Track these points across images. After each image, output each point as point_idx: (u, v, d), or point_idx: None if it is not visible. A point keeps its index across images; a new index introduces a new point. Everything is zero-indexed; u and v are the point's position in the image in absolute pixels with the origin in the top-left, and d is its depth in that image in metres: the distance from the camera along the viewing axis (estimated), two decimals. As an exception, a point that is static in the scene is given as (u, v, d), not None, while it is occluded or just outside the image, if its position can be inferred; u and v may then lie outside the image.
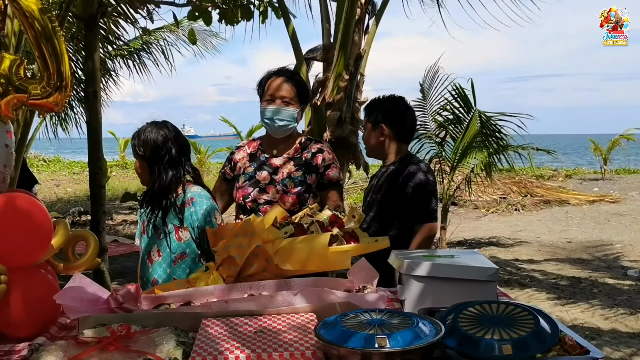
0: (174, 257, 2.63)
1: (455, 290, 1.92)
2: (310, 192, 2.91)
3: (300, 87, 2.95)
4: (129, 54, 11.71)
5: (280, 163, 2.93)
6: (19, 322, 1.85)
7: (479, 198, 13.43)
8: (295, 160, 2.93)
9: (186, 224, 2.64)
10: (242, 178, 2.95)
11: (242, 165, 2.99)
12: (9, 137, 1.96)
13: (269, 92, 2.91)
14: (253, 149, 3.03)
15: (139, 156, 2.70)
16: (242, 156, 3.02)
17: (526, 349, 1.50)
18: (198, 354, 1.57)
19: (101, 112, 5.72)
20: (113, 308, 1.91)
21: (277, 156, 2.96)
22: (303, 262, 2.18)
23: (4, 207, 1.84)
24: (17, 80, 1.88)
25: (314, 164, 2.92)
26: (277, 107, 2.88)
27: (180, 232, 2.63)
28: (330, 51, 5.25)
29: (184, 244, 2.64)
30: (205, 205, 2.67)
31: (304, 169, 2.91)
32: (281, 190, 2.86)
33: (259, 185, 2.89)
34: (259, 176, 2.91)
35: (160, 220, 2.66)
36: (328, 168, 2.94)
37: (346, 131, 5.07)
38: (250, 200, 2.88)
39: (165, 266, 2.64)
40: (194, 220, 2.64)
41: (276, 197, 2.86)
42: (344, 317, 1.65)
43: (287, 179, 2.88)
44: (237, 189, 2.96)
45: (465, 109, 7.53)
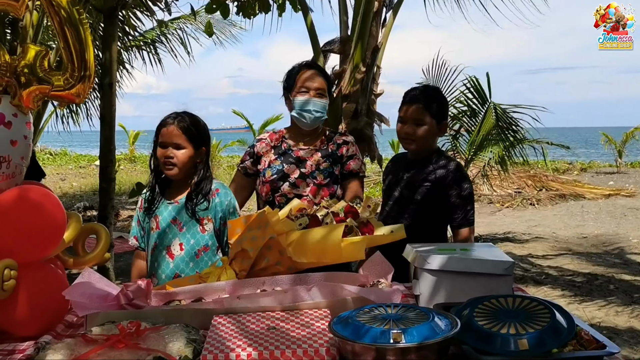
0: (197, 249, 2.62)
1: (471, 284, 1.91)
2: (338, 183, 2.92)
3: (328, 81, 2.99)
4: (144, 45, 11.72)
5: (308, 155, 2.93)
6: (25, 320, 1.83)
7: (493, 192, 13.35)
8: (322, 152, 2.94)
9: (210, 215, 2.64)
10: (268, 172, 2.94)
11: (267, 158, 2.98)
12: (28, 128, 1.97)
13: (302, 84, 2.93)
14: (276, 141, 3.02)
15: (193, 144, 2.63)
16: (266, 149, 3.01)
17: (542, 343, 1.49)
18: (209, 351, 1.56)
19: (115, 104, 5.75)
20: (123, 304, 1.90)
21: (304, 148, 2.97)
22: (317, 254, 2.18)
23: (18, 199, 1.84)
24: (41, 71, 1.89)
25: (339, 155, 2.94)
26: (312, 99, 2.90)
27: (205, 223, 2.64)
28: (347, 43, 5.26)
29: (207, 236, 2.64)
30: (230, 196, 2.69)
31: (330, 160, 2.92)
32: (312, 183, 2.87)
33: (288, 179, 2.89)
34: (287, 170, 2.91)
35: (188, 212, 2.64)
36: (350, 159, 2.96)
37: (361, 123, 5.07)
38: (280, 195, 2.88)
39: (188, 260, 2.62)
40: (217, 211, 2.65)
41: (307, 190, 2.86)
42: (358, 312, 1.65)
43: (316, 171, 2.89)
44: (264, 183, 2.94)
45: (480, 101, 7.50)
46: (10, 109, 1.90)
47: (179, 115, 2.66)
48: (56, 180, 17.25)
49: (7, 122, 1.88)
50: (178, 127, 2.61)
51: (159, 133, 2.65)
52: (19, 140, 1.92)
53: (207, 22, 5.84)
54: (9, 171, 1.90)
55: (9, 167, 1.89)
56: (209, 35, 6.25)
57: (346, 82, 5.06)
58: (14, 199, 1.83)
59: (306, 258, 2.18)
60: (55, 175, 18.69)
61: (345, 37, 5.38)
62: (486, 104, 7.45)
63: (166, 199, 2.71)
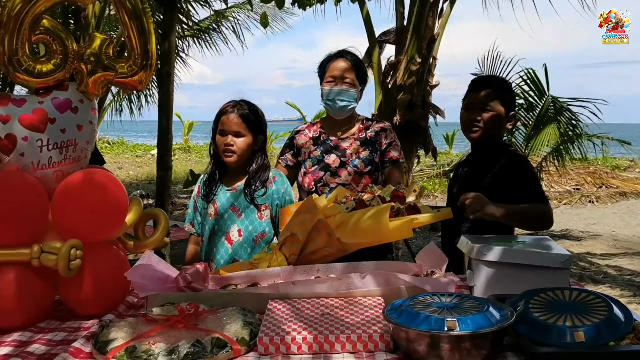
0: (255, 236, 2.67)
1: (526, 277, 1.88)
2: (378, 170, 2.93)
3: (359, 68, 2.98)
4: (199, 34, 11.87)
5: (347, 145, 2.95)
6: (89, 299, 1.91)
7: (550, 189, 13.06)
8: (360, 140, 2.95)
9: (268, 202, 2.70)
10: (309, 163, 2.97)
11: (307, 149, 3.02)
12: (93, 114, 2.05)
13: (330, 73, 2.95)
14: (315, 132, 3.05)
15: (252, 132, 2.70)
16: (305, 140, 3.04)
17: (599, 336, 1.47)
18: (265, 333, 1.60)
19: (173, 93, 5.87)
20: (181, 287, 1.96)
21: (342, 138, 2.99)
22: (365, 235, 2.19)
23: (84, 181, 1.92)
24: (106, 59, 1.97)
25: (378, 143, 2.96)
26: (338, 88, 2.91)
27: (262, 210, 2.70)
28: (403, 34, 5.24)
29: (264, 222, 2.70)
30: (286, 184, 2.76)
31: (370, 148, 2.93)
32: (352, 171, 2.88)
33: (330, 169, 2.92)
34: (327, 160, 2.93)
35: (247, 198, 2.69)
36: (390, 146, 2.97)
37: (416, 115, 5.05)
38: (322, 185, 2.91)
39: (246, 245, 2.68)
40: (274, 199, 2.71)
41: (349, 179, 2.88)
42: (412, 300, 1.65)
43: (357, 159, 2.90)
44: (305, 174, 2.98)
45: (538, 94, 7.34)
46: (76, 95, 1.98)
47: (238, 103, 2.72)
48: (113, 169, 17.58)
49: (73, 107, 1.96)
50: (238, 115, 2.67)
51: (219, 121, 2.71)
52: (85, 125, 2.00)
53: (263, 13, 5.89)
54: (75, 155, 1.99)
55: (75, 150, 1.98)
56: (264, 27, 6.31)
57: (401, 73, 5.05)
58: (80, 181, 1.91)
59: (355, 239, 2.19)
60: (112, 163, 19.10)
61: (401, 28, 5.36)
62: (544, 97, 7.29)
63: (224, 186, 2.76)
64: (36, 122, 1.89)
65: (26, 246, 1.82)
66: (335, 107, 2.93)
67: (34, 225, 1.87)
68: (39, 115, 1.89)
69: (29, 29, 1.88)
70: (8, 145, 1.86)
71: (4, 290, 1.78)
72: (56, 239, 1.86)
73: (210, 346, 1.53)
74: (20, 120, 1.87)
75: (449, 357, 1.45)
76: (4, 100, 1.89)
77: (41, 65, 1.92)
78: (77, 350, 1.59)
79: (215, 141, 2.75)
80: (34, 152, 1.89)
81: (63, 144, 1.93)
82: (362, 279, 1.95)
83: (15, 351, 1.62)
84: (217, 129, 2.72)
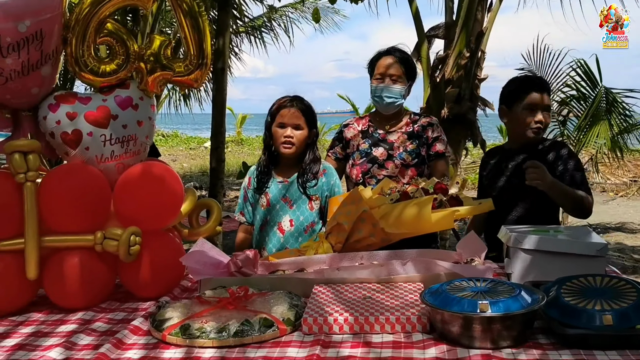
0: (306, 225, 2.79)
1: (563, 264, 1.93)
2: (425, 163, 3.00)
3: (407, 65, 3.04)
4: (252, 30, 12.07)
5: (395, 138, 3.03)
6: (147, 282, 2.04)
7: (607, 181, 12.77)
8: (407, 134, 3.02)
9: (318, 193, 2.81)
10: (357, 155, 3.05)
11: (355, 142, 3.10)
12: (152, 110, 2.20)
13: (378, 71, 3.03)
14: (363, 126, 3.13)
15: (309, 125, 2.82)
16: (354, 134, 3.12)
17: (627, 319, 1.52)
18: (309, 314, 1.70)
19: (227, 87, 6.03)
20: (232, 272, 2.08)
21: (390, 131, 3.07)
22: (408, 225, 2.27)
23: (143, 173, 2.06)
24: (165, 59, 2.11)
25: (425, 137, 3.02)
26: (386, 85, 2.99)
27: (313, 201, 2.82)
28: (452, 29, 5.26)
29: (314, 213, 2.81)
30: (335, 177, 2.87)
31: (417, 141, 3.00)
32: (399, 164, 2.97)
33: (377, 161, 3.00)
34: (375, 152, 3.01)
35: (300, 189, 2.81)
36: (436, 140, 3.02)
37: (464, 108, 5.07)
38: (370, 177, 3.00)
39: (297, 235, 2.79)
40: (324, 190, 2.81)
41: (395, 171, 2.95)
42: (449, 285, 1.72)
43: (404, 152, 2.98)
44: (353, 166, 3.06)
45: (591, 85, 7.22)
46: (137, 92, 2.13)
47: (296, 98, 2.85)
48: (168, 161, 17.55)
49: (134, 104, 2.11)
50: (298, 109, 2.80)
51: (278, 114, 2.83)
52: (145, 121, 2.16)
53: (314, 9, 6.02)
54: (135, 148, 2.14)
55: (135, 145, 2.13)
56: (316, 22, 6.43)
57: (450, 67, 5.08)
58: (140, 173, 2.06)
59: (398, 229, 2.28)
60: (166, 156, 19.37)
61: (450, 23, 5.38)
62: (597, 88, 7.16)
63: (276, 178, 2.89)
64: (100, 118, 2.04)
65: (90, 233, 1.97)
66: (382, 103, 3.02)
67: (97, 214, 2.02)
68: (102, 112, 2.05)
69: (95, 32, 2.04)
70: (74, 140, 2.03)
71: (69, 273, 1.94)
72: (117, 226, 2.00)
73: (258, 325, 1.65)
74: (85, 117, 2.03)
75: (480, 337, 1.53)
76: (71, 98, 2.06)
77: (105, 66, 2.08)
78: (136, 328, 1.74)
79: (270, 133, 2.86)
80: (98, 147, 2.05)
81: (124, 138, 2.09)
82: (403, 266, 2.04)
83: (80, 328, 1.78)
84: (274, 121, 2.84)
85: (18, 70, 1.91)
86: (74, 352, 1.58)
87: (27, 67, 1.92)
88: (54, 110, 2.02)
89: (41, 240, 1.93)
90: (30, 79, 1.97)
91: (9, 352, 1.60)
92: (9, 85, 1.94)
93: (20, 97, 2.02)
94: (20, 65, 1.91)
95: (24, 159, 1.89)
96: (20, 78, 1.93)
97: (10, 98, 2.01)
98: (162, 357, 1.54)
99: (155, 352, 1.58)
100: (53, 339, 1.69)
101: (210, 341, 1.59)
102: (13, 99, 2.02)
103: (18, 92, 1.99)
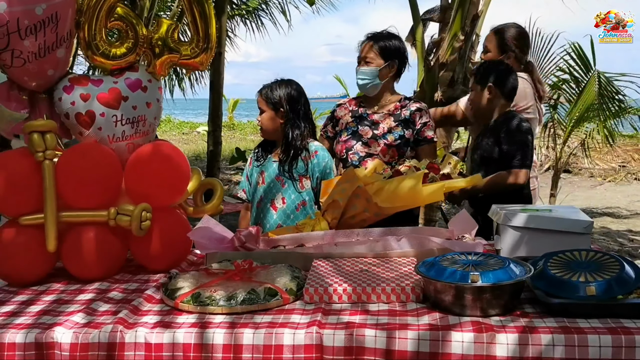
0: (297, 204, 2.93)
1: (550, 241, 2.05)
2: (408, 145, 3.10)
3: (382, 46, 3.15)
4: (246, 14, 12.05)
5: (381, 119, 3.14)
6: (157, 255, 2.16)
7: (595, 166, 12.87)
8: (394, 117, 3.13)
9: (309, 174, 2.94)
10: (344, 133, 3.18)
11: (345, 121, 3.22)
12: (160, 92, 2.31)
13: (359, 56, 3.19)
14: (354, 106, 3.25)
15: (272, 107, 2.98)
16: (345, 113, 3.24)
17: (609, 290, 1.64)
18: (311, 285, 1.82)
19: (223, 72, 6.10)
20: (236, 247, 2.20)
21: (378, 113, 3.18)
22: (400, 199, 2.40)
23: (153, 153, 2.17)
24: (172, 42, 2.21)
25: (412, 121, 3.12)
26: (360, 68, 3.15)
27: (303, 181, 2.94)
28: (447, 12, 5.32)
29: (305, 193, 2.94)
30: (327, 158, 2.99)
31: (402, 124, 3.11)
32: (382, 144, 3.07)
33: (362, 139, 3.12)
34: (361, 131, 3.13)
35: (287, 170, 2.96)
36: (424, 126, 3.12)
37: (457, 92, 5.14)
38: (353, 153, 3.11)
39: (289, 212, 2.95)
40: (315, 171, 2.95)
41: (377, 150, 3.07)
42: (442, 258, 1.84)
43: (388, 133, 3.10)
44: (340, 142, 3.18)
45: (584, 69, 7.28)
46: (146, 75, 2.23)
47: (265, 86, 3.04)
48: None
49: (143, 86, 2.21)
50: (260, 94, 3.02)
51: None
52: (153, 102, 2.26)
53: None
54: (144, 129, 2.24)
55: (144, 125, 2.23)
56: (310, 4, 6.47)
57: (444, 51, 5.15)
58: (149, 152, 2.17)
59: (390, 203, 2.41)
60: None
61: (445, 6, 5.44)
62: (590, 72, 7.21)
63: (272, 158, 3.03)
64: (111, 100, 2.14)
65: (104, 209, 2.07)
66: (359, 85, 3.17)
67: (110, 191, 2.12)
68: (113, 94, 2.15)
69: (106, 16, 2.13)
70: (88, 120, 2.13)
71: (85, 246, 2.05)
72: (129, 203, 2.10)
73: (263, 294, 1.76)
74: (98, 99, 2.13)
75: (471, 306, 1.64)
76: (84, 80, 2.16)
77: (115, 49, 2.18)
78: (149, 296, 1.86)
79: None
80: (109, 127, 2.15)
81: (134, 119, 2.19)
82: (398, 242, 2.17)
83: (97, 296, 1.89)
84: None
85: (35, 52, 2.01)
86: (95, 317, 1.70)
87: (43, 49, 2.02)
88: (68, 92, 2.12)
89: (59, 216, 2.04)
90: (47, 61, 2.06)
91: (36, 317, 1.72)
92: (27, 67, 2.04)
93: (37, 79, 2.12)
94: (37, 48, 2.01)
95: (42, 138, 1.98)
96: (37, 60, 2.03)
97: (27, 80, 2.11)
98: (177, 322, 1.66)
99: (170, 317, 1.69)
100: (74, 305, 1.81)
101: (219, 308, 1.70)
102: (30, 80, 2.12)
103: (35, 73, 2.09)
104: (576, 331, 1.52)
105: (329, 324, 1.60)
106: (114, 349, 1.57)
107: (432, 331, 1.55)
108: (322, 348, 1.55)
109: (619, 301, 1.64)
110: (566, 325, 1.56)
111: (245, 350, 1.55)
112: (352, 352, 1.54)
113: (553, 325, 1.56)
